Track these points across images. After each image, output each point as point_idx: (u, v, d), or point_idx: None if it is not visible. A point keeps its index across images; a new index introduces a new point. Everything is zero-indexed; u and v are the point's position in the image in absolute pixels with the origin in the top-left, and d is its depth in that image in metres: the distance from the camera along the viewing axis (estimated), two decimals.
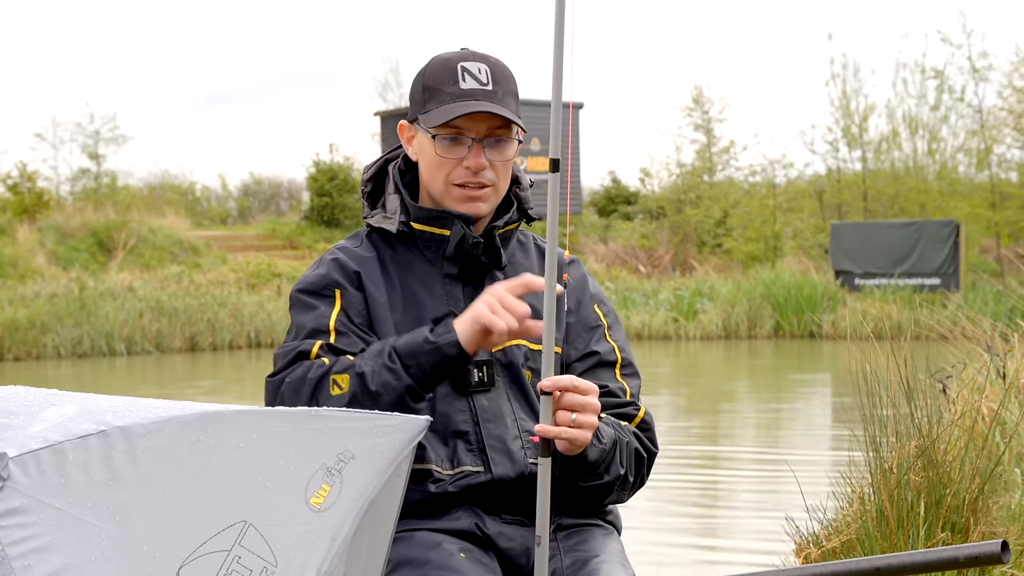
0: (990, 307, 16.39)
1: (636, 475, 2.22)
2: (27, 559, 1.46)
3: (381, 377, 2.01)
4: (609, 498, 2.21)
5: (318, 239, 26.39)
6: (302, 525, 1.56)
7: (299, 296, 2.20)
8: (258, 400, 2.37)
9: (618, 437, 2.15)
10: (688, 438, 9.97)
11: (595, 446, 2.07)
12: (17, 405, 1.61)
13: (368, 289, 2.20)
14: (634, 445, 2.21)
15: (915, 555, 1.88)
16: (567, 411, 1.97)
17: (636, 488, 2.25)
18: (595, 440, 2.06)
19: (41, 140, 29.46)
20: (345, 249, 2.26)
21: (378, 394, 2.00)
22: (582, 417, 1.98)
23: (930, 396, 4.38)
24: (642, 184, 29.96)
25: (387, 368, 2.02)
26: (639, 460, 2.22)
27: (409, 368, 2.01)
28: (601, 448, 2.08)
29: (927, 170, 26.09)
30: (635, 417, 2.25)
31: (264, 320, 19.13)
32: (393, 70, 33.84)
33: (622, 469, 2.15)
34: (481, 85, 2.17)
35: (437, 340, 2.01)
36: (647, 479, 2.27)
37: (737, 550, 6.06)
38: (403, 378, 2.01)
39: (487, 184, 2.19)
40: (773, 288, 19.83)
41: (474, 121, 2.16)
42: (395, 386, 2.01)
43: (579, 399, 1.97)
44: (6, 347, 17.21)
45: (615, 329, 2.32)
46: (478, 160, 2.17)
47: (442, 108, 2.16)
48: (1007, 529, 4.02)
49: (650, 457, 2.25)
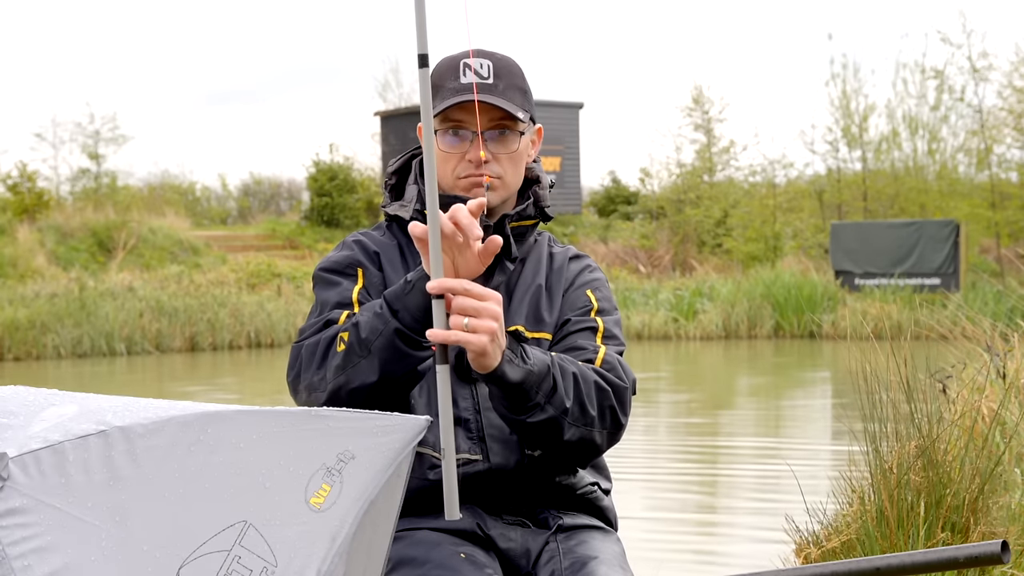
0: (990, 307, 16.40)
1: (601, 408, 2.11)
2: (27, 559, 1.46)
3: (371, 323, 2.03)
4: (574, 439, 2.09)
5: (318, 239, 26.39)
6: (302, 525, 1.56)
7: (322, 275, 2.25)
8: (258, 400, 2.38)
9: (557, 365, 2.07)
10: (688, 438, 9.97)
11: (514, 364, 1.99)
12: (17, 405, 1.61)
13: (387, 271, 2.24)
14: (592, 377, 2.11)
15: (915, 555, 1.88)
16: (460, 315, 1.90)
17: (611, 428, 2.14)
18: (514, 358, 1.99)
19: (41, 140, 29.51)
20: (367, 234, 2.32)
21: (368, 340, 2.02)
22: (476, 321, 1.90)
23: (930, 396, 4.38)
24: (642, 184, 29.97)
25: (376, 315, 2.03)
26: (601, 391, 2.11)
27: (397, 313, 2.02)
28: (525, 369, 2.00)
29: (927, 170, 26.09)
30: (594, 361, 2.17)
31: (264, 320, 19.13)
32: (393, 70, 33.88)
33: (569, 400, 2.05)
34: (481, 79, 2.18)
35: (413, 279, 2.02)
36: (624, 419, 2.16)
37: (737, 550, 6.06)
38: (390, 322, 2.01)
39: (492, 176, 2.20)
40: (773, 288, 19.83)
41: (473, 114, 2.17)
42: (383, 330, 2.01)
43: (472, 303, 1.90)
44: (6, 347, 17.21)
45: (606, 314, 2.29)
46: (477, 153, 2.19)
47: (442, 103, 2.18)
48: (1007, 529, 4.02)
49: (618, 390, 2.14)
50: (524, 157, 2.25)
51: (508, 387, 2.00)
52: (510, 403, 2.04)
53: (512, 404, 2.04)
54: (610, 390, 2.13)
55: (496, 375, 1.98)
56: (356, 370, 2.03)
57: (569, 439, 2.09)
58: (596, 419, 2.11)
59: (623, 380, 2.16)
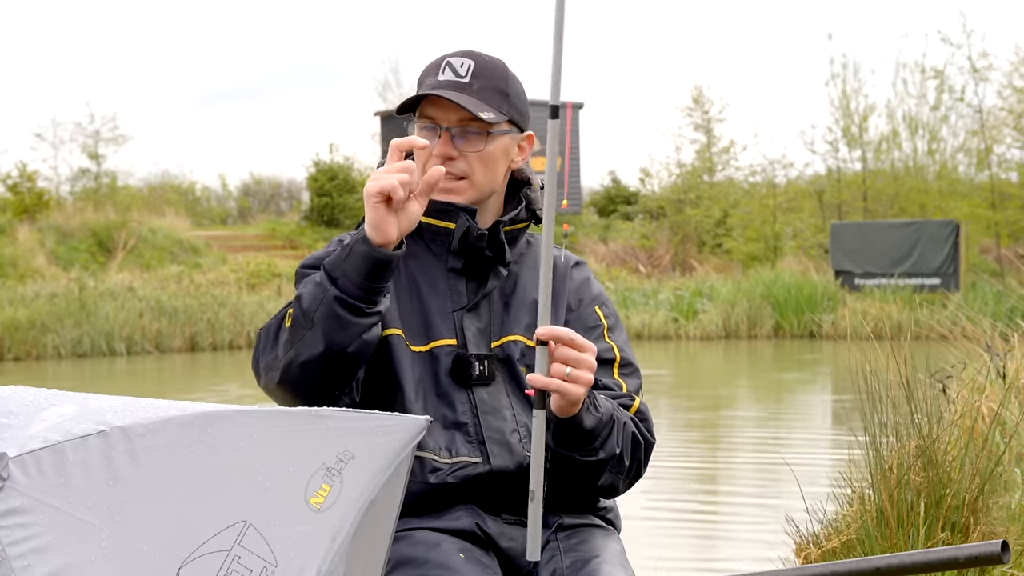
0: (990, 307, 16.39)
1: (633, 460, 2.20)
2: (27, 559, 1.46)
3: (312, 294, 2.01)
4: (605, 484, 2.19)
5: (318, 239, 26.39)
6: (302, 525, 1.56)
7: (303, 271, 2.23)
8: (258, 400, 2.36)
9: (616, 414, 2.15)
10: (688, 438, 9.97)
11: (591, 413, 2.07)
12: (17, 405, 1.61)
13: None
14: (631, 428, 2.20)
15: (915, 555, 1.87)
16: (562, 364, 1.97)
17: (633, 477, 2.24)
18: (591, 407, 2.07)
19: (41, 140, 29.48)
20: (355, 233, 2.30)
21: (310, 310, 2.00)
22: (576, 372, 1.97)
23: (930, 396, 4.38)
24: (642, 184, 29.97)
25: (316, 285, 2.02)
26: (636, 444, 2.21)
27: (337, 280, 2.00)
28: (597, 417, 2.08)
29: (927, 170, 26.11)
30: (630, 407, 2.24)
31: (264, 320, 19.01)
32: (393, 70, 33.92)
33: (618, 448, 2.14)
34: (458, 78, 2.18)
35: (351, 243, 2.01)
36: (644, 470, 2.26)
37: (737, 550, 6.06)
38: (329, 290, 1.99)
39: (459, 175, 2.19)
40: (773, 288, 19.83)
41: (444, 111, 2.18)
42: (322, 299, 1.99)
43: (575, 354, 1.97)
44: (6, 347, 17.20)
45: (616, 331, 2.31)
46: (445, 148, 2.18)
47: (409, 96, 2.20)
48: (1007, 529, 4.02)
49: (647, 446, 2.24)
50: (498, 160, 2.22)
51: (579, 432, 2.08)
52: (572, 444, 2.10)
53: (573, 444, 2.10)
54: (643, 444, 2.23)
55: (575, 422, 2.06)
56: (303, 343, 2.00)
57: (602, 484, 2.19)
58: (627, 468, 2.20)
59: (652, 437, 2.25)
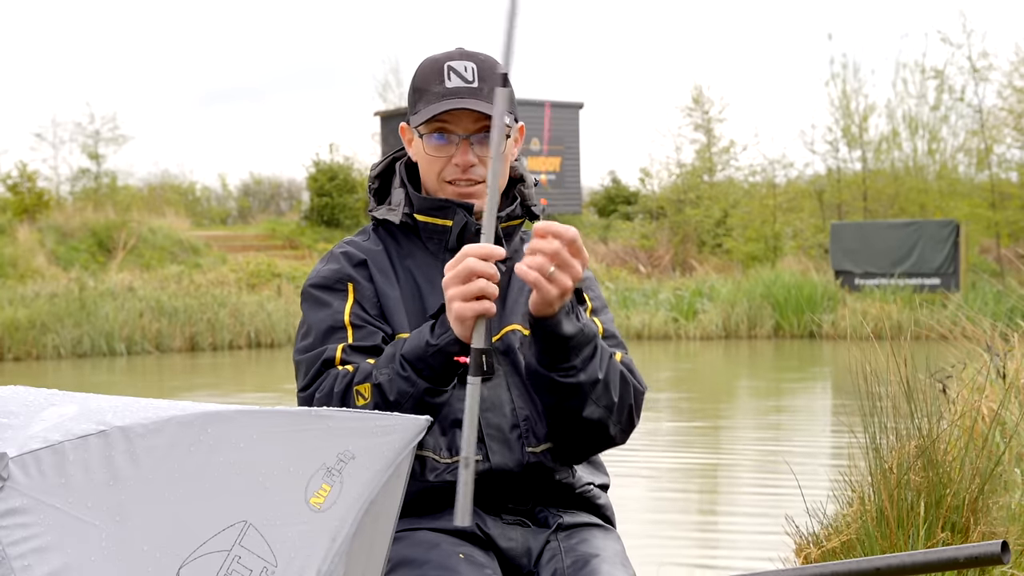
0: (990, 307, 16.40)
1: (623, 403, 2.15)
2: (27, 559, 1.46)
3: (397, 386, 2.04)
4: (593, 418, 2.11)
5: (318, 239, 26.39)
6: (302, 525, 1.56)
7: (311, 291, 2.23)
8: (258, 400, 2.37)
9: (600, 341, 2.12)
10: (688, 438, 9.97)
11: (571, 320, 2.04)
12: (17, 405, 1.61)
13: (377, 280, 2.23)
14: (619, 367, 2.17)
15: (915, 555, 1.87)
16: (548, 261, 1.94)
17: (626, 425, 2.18)
18: (571, 313, 2.04)
19: (41, 140, 29.49)
20: (353, 243, 2.31)
21: (398, 403, 2.03)
22: (559, 273, 1.96)
23: (930, 396, 4.38)
24: (642, 184, 29.97)
25: (400, 377, 2.04)
26: (625, 384, 2.16)
27: (422, 372, 2.03)
28: (578, 327, 2.05)
29: (927, 170, 26.10)
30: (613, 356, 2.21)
31: (264, 320, 19.12)
32: (393, 70, 33.83)
33: (600, 373, 2.10)
34: (466, 83, 2.19)
35: (439, 343, 2.02)
36: (637, 420, 2.21)
37: (737, 550, 6.06)
38: (417, 383, 2.03)
39: (478, 180, 2.22)
40: (773, 288, 19.83)
41: (459, 118, 2.19)
42: (412, 392, 2.04)
43: (567, 256, 1.96)
44: (6, 347, 17.21)
45: (601, 312, 2.32)
46: (465, 157, 2.20)
47: (428, 108, 2.19)
48: (1007, 529, 4.02)
49: (636, 390, 2.19)
50: (509, 157, 2.27)
51: (556, 340, 2.04)
52: (550, 357, 2.06)
53: (551, 359, 2.06)
54: (632, 386, 2.18)
55: (551, 323, 2.02)
56: None
57: (587, 416, 2.12)
58: (616, 406, 2.14)
59: (640, 384, 2.22)
